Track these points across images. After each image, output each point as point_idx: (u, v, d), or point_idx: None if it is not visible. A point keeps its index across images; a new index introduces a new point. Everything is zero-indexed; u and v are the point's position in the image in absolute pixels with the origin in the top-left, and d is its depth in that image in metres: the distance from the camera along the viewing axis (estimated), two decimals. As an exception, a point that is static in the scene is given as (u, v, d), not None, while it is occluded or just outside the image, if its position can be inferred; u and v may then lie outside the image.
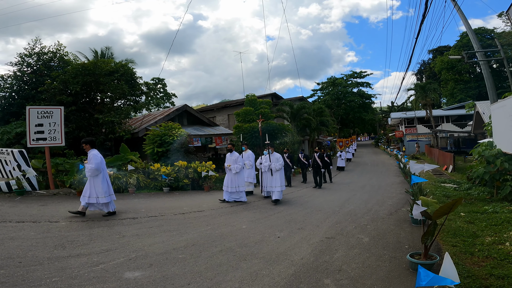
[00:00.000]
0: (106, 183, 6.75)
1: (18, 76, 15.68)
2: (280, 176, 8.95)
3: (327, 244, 4.94)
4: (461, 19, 14.89)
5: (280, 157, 9.09)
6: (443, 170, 17.90)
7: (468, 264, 3.88)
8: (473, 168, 9.42)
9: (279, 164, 8.91)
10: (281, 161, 8.97)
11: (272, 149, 9.27)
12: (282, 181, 8.99)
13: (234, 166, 8.84)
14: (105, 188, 6.63)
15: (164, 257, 4.34)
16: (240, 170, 8.86)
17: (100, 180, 6.60)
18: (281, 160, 8.98)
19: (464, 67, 41.36)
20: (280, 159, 9.00)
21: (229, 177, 8.86)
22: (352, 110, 50.46)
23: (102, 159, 6.76)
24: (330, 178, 15.05)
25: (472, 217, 6.19)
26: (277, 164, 8.93)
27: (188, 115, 20.75)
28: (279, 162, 8.93)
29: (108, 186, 6.78)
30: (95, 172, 6.52)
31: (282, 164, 8.94)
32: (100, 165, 6.59)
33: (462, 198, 3.86)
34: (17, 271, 3.64)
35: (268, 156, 9.17)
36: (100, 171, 6.60)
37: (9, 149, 10.04)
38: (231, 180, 8.83)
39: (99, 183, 6.57)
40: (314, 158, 13.46)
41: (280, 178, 8.93)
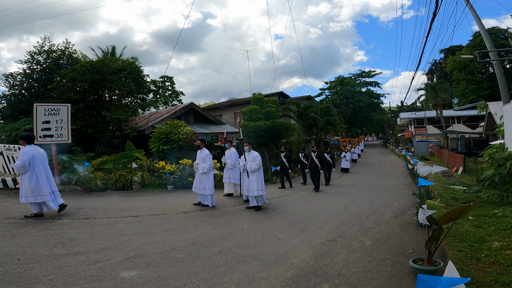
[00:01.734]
0: (36, 181, 6.05)
1: (28, 74, 15.91)
2: (258, 178, 7.81)
3: (328, 247, 4.83)
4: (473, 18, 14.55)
5: (258, 156, 7.91)
6: (453, 172, 17.53)
7: (474, 270, 3.74)
8: (483, 170, 9.17)
9: (255, 165, 7.77)
10: (258, 161, 7.79)
11: (250, 147, 8.11)
12: (261, 184, 7.84)
13: (201, 166, 7.91)
14: (32, 187, 6.00)
15: (162, 256, 4.30)
16: (208, 170, 7.87)
17: (27, 178, 6.02)
18: (258, 159, 7.82)
19: (476, 67, 40.46)
20: (257, 158, 7.85)
21: (197, 177, 8.04)
22: (361, 109, 49.93)
23: (36, 156, 6.12)
24: (327, 180, 14.06)
25: (481, 221, 6.01)
26: (253, 164, 7.78)
27: (194, 113, 20.77)
28: (255, 162, 7.80)
29: (39, 185, 6.08)
30: (21, 169, 5.97)
31: (258, 164, 7.77)
32: (27, 162, 5.96)
33: (471, 206, 3.70)
34: (15, 268, 3.64)
35: (244, 155, 8.10)
36: (27, 168, 5.99)
37: (16, 146, 10.17)
38: (199, 181, 7.97)
39: (25, 181, 6.03)
40: (311, 158, 12.43)
41: (258, 180, 7.78)
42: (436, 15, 11.76)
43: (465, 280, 2.19)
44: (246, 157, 7.96)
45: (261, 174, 7.92)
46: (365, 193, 10.99)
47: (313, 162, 12.28)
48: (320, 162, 12.16)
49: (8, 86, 15.83)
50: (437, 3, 11.19)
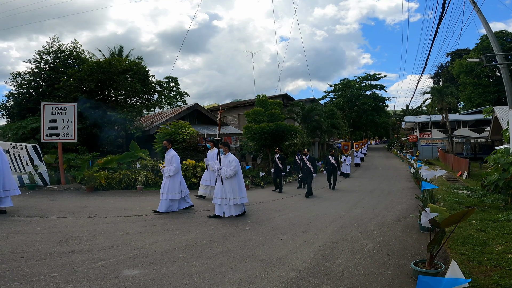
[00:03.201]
0: None
1: (36, 73, 16.12)
2: (234, 185, 6.86)
3: (330, 248, 4.84)
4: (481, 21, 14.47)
5: (235, 160, 6.90)
6: (457, 176, 17.41)
7: (475, 273, 3.72)
8: (488, 175, 9.11)
9: (230, 170, 6.76)
10: (234, 166, 6.78)
11: (226, 149, 7.14)
12: (238, 191, 6.87)
13: (167, 168, 7.28)
14: None
15: (165, 256, 4.34)
16: (173, 173, 7.23)
17: None
18: (234, 164, 6.80)
19: (483, 71, 40.23)
20: (233, 163, 6.83)
21: (163, 181, 7.41)
22: (365, 112, 49.73)
23: None
24: (333, 185, 13.32)
25: (484, 225, 5.97)
26: (227, 170, 6.77)
27: (198, 114, 20.88)
28: (231, 167, 6.79)
29: None
30: None
31: (234, 170, 6.77)
32: None
33: (474, 209, 3.69)
34: (18, 265, 3.69)
35: (218, 158, 7.15)
36: None
37: (23, 144, 10.31)
38: (163, 185, 7.34)
39: None
40: (303, 162, 11.45)
41: (234, 188, 6.84)
42: (442, 18, 11.73)
43: (465, 281, 2.19)
44: (222, 160, 7.02)
45: (238, 180, 6.97)
46: (368, 197, 10.95)
47: (305, 165, 11.36)
48: (312, 165, 11.21)
49: (16, 85, 16.06)
50: (444, 6, 11.16)
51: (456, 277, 2.41)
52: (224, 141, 7.34)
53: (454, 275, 2.44)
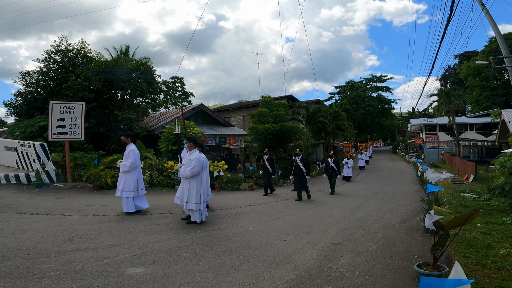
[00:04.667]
0: None
1: (44, 72, 16.31)
2: (193, 188, 6.03)
3: (333, 250, 4.83)
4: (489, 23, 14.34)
5: (198, 158, 6.03)
6: (464, 180, 17.24)
7: (479, 275, 3.70)
8: (494, 179, 9.02)
9: (188, 170, 5.97)
10: (193, 166, 5.95)
11: (191, 145, 6.25)
12: (200, 195, 6.08)
13: (124, 163, 6.77)
14: None
15: (168, 254, 4.37)
16: (128, 168, 6.70)
17: None
18: (193, 164, 5.95)
19: (491, 73, 39.76)
20: (196, 161, 5.99)
21: (119, 177, 6.92)
22: (370, 114, 49.47)
23: None
24: (332, 189, 12.51)
25: (489, 228, 5.92)
26: (186, 169, 6.02)
27: (203, 115, 20.97)
28: (190, 166, 5.99)
29: None
30: None
31: (191, 171, 5.96)
32: None
33: (478, 211, 3.67)
34: (24, 263, 3.75)
35: (180, 156, 6.66)
36: None
37: (31, 142, 10.44)
38: (119, 181, 6.87)
39: None
40: (295, 163, 10.61)
41: (198, 190, 6.04)
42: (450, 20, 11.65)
43: (467, 281, 2.19)
44: (185, 158, 6.29)
45: (198, 183, 6.09)
46: (372, 199, 10.90)
47: (297, 167, 10.52)
48: (305, 167, 10.46)
49: (25, 84, 16.27)
50: (452, 8, 11.09)
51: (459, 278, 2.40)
52: (191, 136, 6.43)
53: (457, 277, 2.43)
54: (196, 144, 6.41)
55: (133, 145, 7.02)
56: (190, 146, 6.27)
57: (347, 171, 18.70)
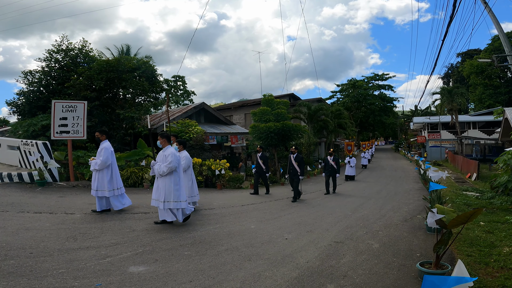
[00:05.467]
0: None
1: (46, 72, 16.36)
2: (169, 186, 5.65)
3: (335, 248, 4.83)
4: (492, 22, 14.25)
5: (173, 154, 5.64)
6: (466, 178, 17.18)
7: (482, 274, 3.69)
8: (497, 177, 8.98)
9: (164, 166, 5.59)
10: (170, 161, 5.57)
11: (164, 141, 5.86)
12: (173, 194, 5.65)
13: (94, 162, 6.54)
14: None
15: (170, 253, 4.38)
16: (99, 167, 6.43)
17: None
18: (170, 159, 5.58)
19: (494, 72, 39.54)
20: (170, 157, 5.60)
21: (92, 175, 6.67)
22: (373, 113, 49.30)
23: None
24: (334, 188, 12.11)
25: (492, 227, 5.90)
26: (161, 166, 5.64)
27: (205, 113, 20.98)
28: (166, 162, 5.63)
29: None
30: None
31: (168, 166, 5.58)
32: None
33: (481, 209, 3.65)
34: (27, 261, 3.76)
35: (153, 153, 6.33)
36: None
37: (34, 141, 10.48)
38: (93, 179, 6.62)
39: None
40: (290, 161, 10.14)
41: (169, 189, 5.64)
42: (453, 18, 11.57)
43: (470, 279, 2.18)
44: (159, 155, 5.89)
45: (174, 181, 5.71)
46: (375, 197, 10.88)
47: (291, 166, 9.99)
48: (299, 166, 9.90)
49: (27, 83, 16.33)
50: (454, 6, 11.01)
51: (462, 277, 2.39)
52: (163, 132, 5.99)
53: (460, 275, 2.42)
54: (170, 140, 6.03)
55: (107, 142, 6.71)
56: (163, 143, 5.85)
57: (350, 170, 18.04)
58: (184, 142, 7.27)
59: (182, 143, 7.13)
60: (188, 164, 7.12)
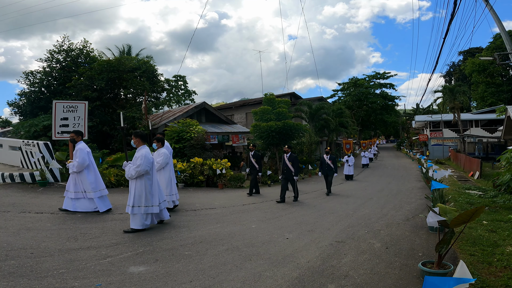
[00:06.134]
0: None
1: (48, 72, 16.42)
2: (140, 188, 5.27)
3: (336, 248, 4.80)
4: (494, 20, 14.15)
5: (142, 157, 5.19)
6: (469, 177, 17.10)
7: (484, 274, 3.66)
8: (500, 175, 8.92)
9: (134, 169, 5.18)
10: (139, 164, 5.16)
11: (137, 141, 5.42)
12: (145, 198, 5.27)
13: (71, 164, 6.38)
14: None
15: (171, 253, 4.37)
16: (77, 169, 6.24)
17: None
18: (139, 162, 5.17)
19: (496, 70, 39.34)
20: (142, 158, 5.18)
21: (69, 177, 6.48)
22: (374, 111, 49.18)
23: None
24: (328, 189, 11.43)
25: (495, 226, 5.85)
26: (130, 169, 5.25)
27: (206, 113, 20.97)
28: (135, 163, 5.22)
29: None
30: None
31: (137, 170, 5.17)
32: None
33: (483, 207, 3.62)
34: (27, 262, 3.76)
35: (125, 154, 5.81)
36: None
37: (35, 141, 10.50)
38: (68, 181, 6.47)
39: None
40: (283, 161, 9.67)
41: (140, 192, 5.26)
42: (454, 16, 11.50)
43: (471, 280, 2.16)
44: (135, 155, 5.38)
45: (146, 185, 5.31)
46: (376, 196, 10.83)
47: (285, 166, 9.54)
48: (293, 166, 9.42)
49: (29, 84, 16.38)
50: (455, 4, 10.94)
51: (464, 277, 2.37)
52: (137, 131, 5.55)
53: (462, 276, 2.40)
54: (145, 140, 5.52)
55: (83, 143, 6.52)
56: (137, 143, 5.42)
57: (348, 169, 17.52)
58: (162, 139, 6.84)
59: (160, 140, 6.76)
60: (166, 161, 6.71)
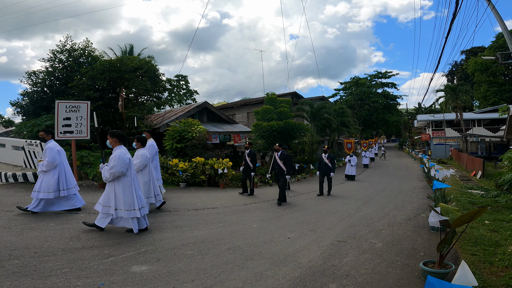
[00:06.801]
0: None
1: (50, 72, 16.46)
2: (118, 191, 5.04)
3: (337, 247, 4.81)
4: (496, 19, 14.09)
5: (117, 158, 4.92)
6: (471, 176, 17.05)
7: (486, 273, 3.66)
8: (502, 175, 8.90)
9: (107, 171, 4.96)
10: (112, 166, 4.91)
11: (114, 141, 5.18)
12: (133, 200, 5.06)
13: (41, 163, 6.23)
14: None
15: (172, 252, 4.39)
16: (46, 168, 6.12)
17: None
18: (112, 163, 4.92)
19: (499, 69, 39.16)
20: (116, 159, 4.91)
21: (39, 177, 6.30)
22: (376, 111, 49.14)
23: None
24: (329, 189, 11.04)
25: (497, 226, 5.84)
26: (104, 171, 5.05)
27: (208, 112, 21.00)
28: (109, 165, 4.99)
29: None
30: None
31: (111, 172, 4.92)
32: None
33: (485, 208, 3.62)
34: (31, 261, 3.79)
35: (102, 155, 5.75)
36: None
37: (38, 141, 10.55)
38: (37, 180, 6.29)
39: None
40: (274, 160, 9.16)
41: (119, 195, 5.03)
42: (456, 15, 11.47)
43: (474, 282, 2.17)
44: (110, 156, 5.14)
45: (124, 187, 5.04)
46: (378, 196, 10.82)
47: (276, 164, 9.07)
48: (285, 164, 8.86)
49: (31, 84, 16.43)
50: (457, 3, 10.91)
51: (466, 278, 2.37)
52: (114, 131, 5.30)
53: (463, 276, 2.40)
54: (122, 140, 5.25)
55: (53, 142, 6.30)
56: (113, 143, 5.16)
57: (351, 169, 17.19)
58: (142, 139, 6.52)
59: (140, 140, 6.44)
60: (144, 163, 6.35)
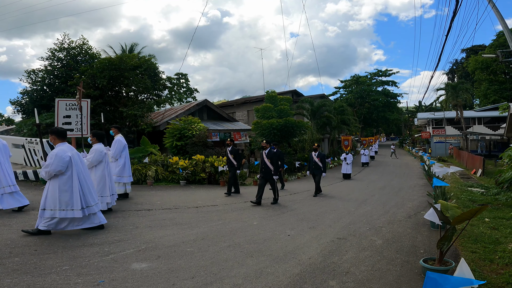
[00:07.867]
0: None
1: (49, 70, 16.46)
2: (54, 189, 4.64)
3: (337, 244, 4.81)
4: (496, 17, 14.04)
5: (54, 156, 4.57)
6: (471, 174, 17.04)
7: (486, 271, 3.65)
8: (502, 173, 8.89)
9: (43, 169, 4.66)
10: (48, 164, 4.59)
11: (53, 138, 4.87)
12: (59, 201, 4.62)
13: None
14: None
15: (173, 249, 4.39)
16: None
17: None
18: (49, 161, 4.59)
19: (499, 67, 39.06)
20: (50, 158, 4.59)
21: None
22: (376, 109, 49.10)
23: None
24: (316, 190, 10.27)
25: (497, 223, 5.84)
26: (42, 168, 4.76)
27: (208, 110, 20.99)
28: (45, 163, 4.66)
29: None
30: None
31: (49, 169, 4.56)
32: None
33: (486, 206, 3.61)
34: (31, 259, 3.79)
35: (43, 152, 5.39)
36: None
37: (38, 139, 10.55)
38: None
39: None
40: (262, 159, 8.52)
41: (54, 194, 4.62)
42: (456, 13, 11.43)
43: (476, 282, 2.15)
44: None
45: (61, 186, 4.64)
46: (378, 193, 10.83)
47: (263, 164, 8.43)
48: (272, 164, 8.31)
49: (31, 82, 16.43)
50: (457, 1, 10.87)
51: (465, 275, 2.36)
52: (53, 128, 4.96)
53: (462, 274, 2.39)
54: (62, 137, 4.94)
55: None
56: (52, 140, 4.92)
57: (346, 168, 16.61)
58: (99, 134, 6.24)
59: (96, 135, 6.18)
60: (98, 159, 6.06)
